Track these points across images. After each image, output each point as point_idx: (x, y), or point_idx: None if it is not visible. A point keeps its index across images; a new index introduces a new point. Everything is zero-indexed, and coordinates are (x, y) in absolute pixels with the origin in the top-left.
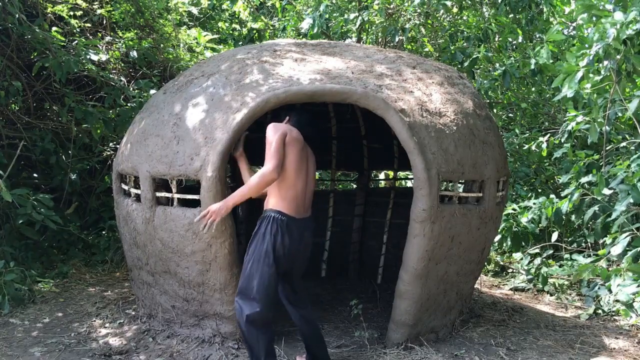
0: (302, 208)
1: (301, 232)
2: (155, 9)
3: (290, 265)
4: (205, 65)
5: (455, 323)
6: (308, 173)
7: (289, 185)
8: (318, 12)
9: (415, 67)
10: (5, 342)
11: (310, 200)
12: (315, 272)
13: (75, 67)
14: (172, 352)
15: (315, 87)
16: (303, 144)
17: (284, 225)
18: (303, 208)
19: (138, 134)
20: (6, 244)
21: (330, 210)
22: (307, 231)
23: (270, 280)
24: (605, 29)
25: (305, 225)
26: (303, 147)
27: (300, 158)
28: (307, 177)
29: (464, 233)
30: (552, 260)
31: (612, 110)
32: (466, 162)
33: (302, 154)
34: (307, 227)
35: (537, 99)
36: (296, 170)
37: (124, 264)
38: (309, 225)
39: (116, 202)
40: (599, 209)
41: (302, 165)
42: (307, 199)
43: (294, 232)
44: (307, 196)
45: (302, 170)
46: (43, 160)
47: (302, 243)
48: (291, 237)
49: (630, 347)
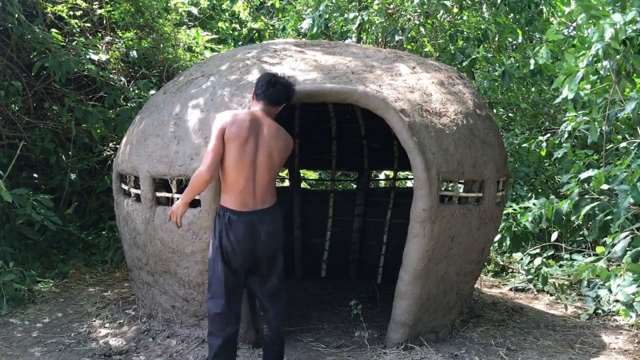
0: (251, 201)
1: (252, 226)
2: (155, 8)
3: (248, 260)
4: (205, 66)
5: (455, 323)
6: (257, 163)
7: (231, 180)
8: (318, 12)
9: (415, 67)
10: (5, 342)
11: (265, 190)
12: (315, 272)
13: (75, 67)
14: (172, 352)
15: (315, 87)
16: (247, 136)
17: (227, 221)
18: (253, 201)
19: (138, 134)
20: (6, 244)
21: (330, 210)
22: (263, 224)
23: (225, 277)
24: (604, 30)
25: (259, 218)
26: (247, 139)
27: (241, 152)
28: (255, 168)
29: (464, 233)
30: (552, 260)
31: (612, 110)
32: (466, 162)
33: (244, 147)
34: (261, 220)
35: (537, 99)
36: (236, 165)
37: (124, 264)
38: (264, 217)
39: (116, 202)
40: (598, 207)
41: (246, 158)
42: (260, 190)
43: (239, 227)
44: (259, 187)
45: (244, 163)
46: (43, 160)
47: (256, 237)
48: (236, 232)
49: (630, 347)
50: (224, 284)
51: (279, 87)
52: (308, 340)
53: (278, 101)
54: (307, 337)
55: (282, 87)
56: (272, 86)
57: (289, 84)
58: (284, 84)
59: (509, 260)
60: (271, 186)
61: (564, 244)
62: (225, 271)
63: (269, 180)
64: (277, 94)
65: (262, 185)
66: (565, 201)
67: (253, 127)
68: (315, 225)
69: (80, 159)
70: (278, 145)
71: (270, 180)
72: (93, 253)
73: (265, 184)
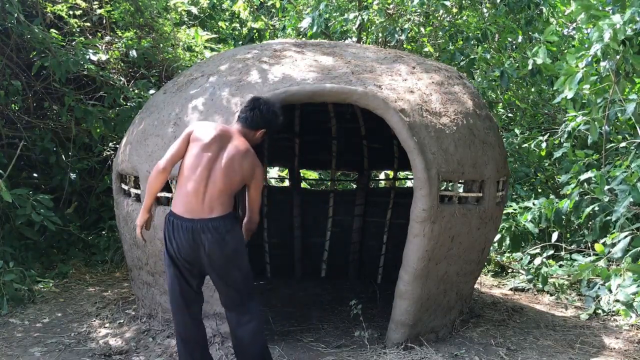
0: (198, 208)
1: (195, 233)
2: (154, 8)
3: (194, 267)
4: (205, 66)
5: (455, 323)
6: (212, 170)
7: (181, 183)
8: (317, 11)
9: (415, 67)
10: (5, 342)
11: (215, 199)
12: (315, 272)
13: (74, 67)
14: (172, 352)
15: (315, 87)
16: (210, 142)
17: (170, 224)
18: (199, 208)
19: (138, 134)
20: (6, 244)
21: (330, 210)
22: (207, 233)
23: (173, 282)
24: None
25: (202, 227)
26: (209, 145)
27: (199, 154)
28: (209, 173)
29: (464, 233)
30: (552, 260)
31: (612, 110)
32: (466, 162)
33: (204, 151)
34: (205, 229)
35: (536, 99)
36: (191, 166)
37: (124, 264)
38: (209, 227)
39: (116, 202)
40: (599, 208)
41: (202, 161)
42: (209, 198)
43: (181, 232)
44: (209, 195)
45: (199, 165)
46: (43, 160)
47: (198, 245)
48: (178, 236)
49: (631, 347)
50: (174, 289)
51: (258, 112)
52: (308, 340)
53: (256, 125)
54: (307, 337)
55: (261, 112)
56: (251, 110)
57: (272, 112)
58: (264, 110)
59: (509, 260)
60: (223, 196)
61: (564, 244)
62: (174, 276)
63: (222, 189)
64: (254, 118)
65: (212, 194)
66: (565, 201)
67: (220, 138)
68: (315, 225)
69: (80, 159)
70: (242, 164)
71: (222, 189)
72: (93, 253)
73: (216, 192)
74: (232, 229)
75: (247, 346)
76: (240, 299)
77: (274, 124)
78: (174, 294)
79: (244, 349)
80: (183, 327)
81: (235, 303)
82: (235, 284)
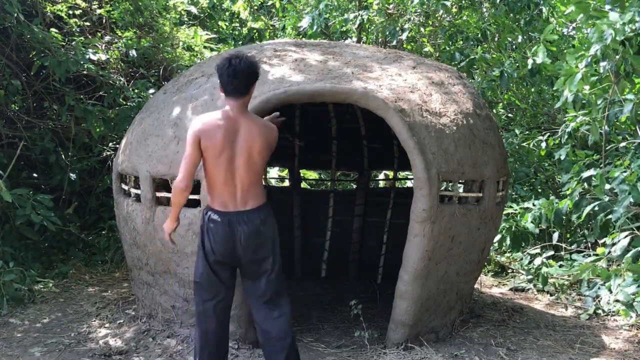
0: (233, 202)
1: (232, 226)
2: (154, 8)
3: (228, 261)
4: (205, 66)
5: (455, 323)
6: (234, 168)
7: (212, 183)
8: (317, 10)
9: (415, 67)
10: (5, 342)
11: (247, 192)
12: (315, 272)
13: (73, 67)
14: (172, 352)
15: (315, 87)
16: (222, 146)
17: (208, 220)
18: (234, 202)
19: (138, 134)
20: (6, 244)
21: (330, 210)
22: (242, 225)
23: (206, 272)
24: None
25: (240, 218)
26: (223, 149)
27: (217, 161)
28: (232, 173)
29: (464, 233)
30: (552, 260)
31: (612, 110)
32: (466, 162)
33: (220, 156)
34: (242, 220)
35: (536, 99)
36: (213, 172)
37: (124, 264)
38: (246, 218)
39: (116, 202)
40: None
41: (222, 166)
42: (241, 193)
43: (218, 226)
44: (240, 190)
45: (220, 171)
46: (43, 160)
47: (234, 238)
48: (215, 231)
49: (630, 347)
50: (206, 280)
51: (242, 75)
52: (308, 340)
53: (247, 88)
54: (307, 337)
55: (244, 74)
56: (234, 77)
57: (251, 64)
58: (244, 69)
59: (509, 260)
60: (254, 187)
61: (564, 244)
62: (207, 268)
63: (250, 182)
64: (244, 83)
65: (242, 188)
66: (566, 201)
67: (228, 134)
68: (315, 225)
69: (80, 159)
70: (258, 145)
71: (251, 182)
72: (93, 253)
73: (245, 185)
74: (266, 221)
75: (276, 341)
76: (272, 292)
77: (258, 71)
78: (201, 287)
79: (273, 344)
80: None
81: (265, 297)
82: (268, 277)
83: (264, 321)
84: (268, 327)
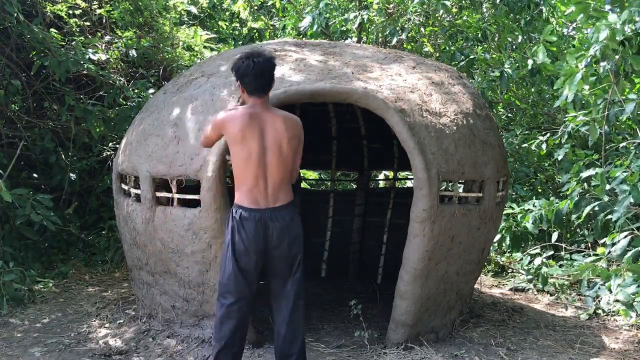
0: (263, 198)
1: (263, 223)
2: (154, 7)
3: (259, 260)
4: (205, 66)
5: (455, 323)
6: (266, 162)
7: (241, 179)
8: (317, 10)
9: (415, 67)
10: (5, 342)
11: (277, 188)
12: (315, 272)
13: (73, 66)
14: (172, 352)
15: (315, 87)
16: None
17: (239, 218)
18: (264, 199)
19: (138, 134)
20: (6, 244)
21: (330, 210)
22: (275, 222)
23: (235, 273)
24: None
25: (271, 215)
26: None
27: (246, 153)
28: (264, 167)
29: (464, 233)
30: (552, 260)
31: (612, 111)
32: (466, 162)
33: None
34: (273, 217)
35: (536, 99)
36: (244, 166)
37: (124, 264)
38: (276, 215)
39: (116, 202)
40: (599, 207)
41: (253, 158)
42: (272, 189)
43: (249, 224)
44: (271, 186)
45: (251, 164)
46: (43, 160)
47: (267, 235)
48: (247, 229)
49: (631, 347)
50: (234, 282)
51: (268, 72)
52: (308, 340)
53: (271, 84)
54: (307, 337)
55: (269, 70)
56: (261, 76)
57: (271, 59)
58: (269, 66)
59: (509, 260)
60: (284, 184)
61: (564, 244)
62: (235, 268)
63: (281, 178)
64: (268, 79)
65: (273, 184)
66: (566, 201)
67: (254, 126)
68: (315, 225)
69: (80, 159)
70: (286, 138)
71: (282, 178)
72: (93, 253)
73: (277, 182)
74: (295, 216)
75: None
76: (295, 293)
77: (275, 64)
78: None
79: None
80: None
81: (289, 297)
82: (295, 274)
83: (282, 323)
84: (285, 329)
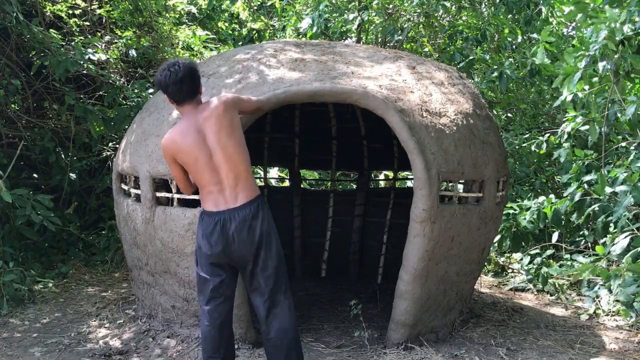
0: (223, 201)
1: (222, 225)
2: (154, 7)
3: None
4: (205, 66)
5: (455, 323)
6: (215, 163)
7: (200, 186)
8: (317, 11)
9: (415, 67)
10: (5, 342)
11: (235, 187)
12: (315, 272)
13: (73, 66)
14: (172, 352)
15: (315, 87)
16: (196, 154)
17: (202, 221)
18: (224, 200)
19: (138, 134)
20: (6, 244)
21: (330, 210)
22: (233, 222)
23: (203, 276)
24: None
25: (230, 216)
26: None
27: (196, 162)
28: (216, 167)
29: (464, 233)
30: (552, 260)
31: (612, 111)
32: (466, 162)
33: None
34: (231, 217)
35: (536, 99)
36: (199, 174)
37: (124, 264)
38: (235, 215)
39: (116, 202)
40: (599, 208)
41: (203, 169)
42: (229, 189)
43: (210, 227)
44: (228, 186)
45: (204, 169)
46: (43, 160)
47: (227, 235)
48: (208, 232)
49: (630, 347)
50: (203, 284)
51: (188, 78)
52: (308, 340)
53: (196, 89)
54: (307, 337)
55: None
56: (181, 83)
57: (190, 64)
58: (188, 72)
59: (509, 260)
60: (242, 181)
61: (564, 244)
62: (203, 272)
63: (235, 177)
64: (189, 86)
65: (229, 185)
66: (565, 200)
67: (196, 137)
68: (315, 225)
69: (79, 159)
70: (219, 123)
71: (236, 176)
72: (93, 253)
73: (232, 182)
74: (258, 214)
75: (274, 340)
76: (270, 290)
77: (197, 67)
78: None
79: (272, 343)
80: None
81: (264, 295)
82: (265, 270)
83: (264, 320)
84: (266, 325)
